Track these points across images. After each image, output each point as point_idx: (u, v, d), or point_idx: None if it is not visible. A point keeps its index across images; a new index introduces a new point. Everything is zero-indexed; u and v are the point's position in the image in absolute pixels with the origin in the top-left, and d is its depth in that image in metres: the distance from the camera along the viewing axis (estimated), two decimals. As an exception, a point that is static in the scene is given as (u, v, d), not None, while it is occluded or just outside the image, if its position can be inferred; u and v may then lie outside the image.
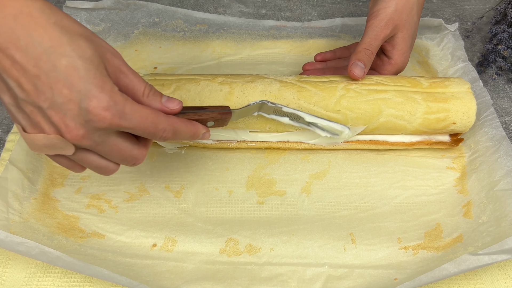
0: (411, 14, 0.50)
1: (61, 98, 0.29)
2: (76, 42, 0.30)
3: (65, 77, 0.29)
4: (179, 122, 0.36)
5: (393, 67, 0.52)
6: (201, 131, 0.38)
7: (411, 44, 0.52)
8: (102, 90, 0.30)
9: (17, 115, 0.32)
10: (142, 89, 0.34)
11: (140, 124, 0.32)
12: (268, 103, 0.45)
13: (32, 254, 0.38)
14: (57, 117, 0.30)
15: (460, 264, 0.39)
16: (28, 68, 0.29)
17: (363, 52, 0.49)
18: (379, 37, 0.49)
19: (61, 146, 0.32)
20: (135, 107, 0.32)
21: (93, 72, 0.30)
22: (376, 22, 0.49)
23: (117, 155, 0.34)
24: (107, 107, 0.30)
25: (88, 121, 0.30)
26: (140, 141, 0.35)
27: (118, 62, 0.32)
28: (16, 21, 0.28)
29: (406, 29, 0.50)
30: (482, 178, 0.49)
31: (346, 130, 0.48)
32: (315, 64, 0.59)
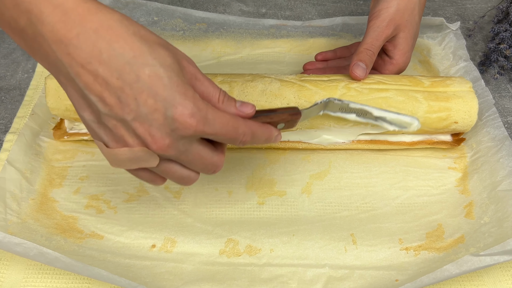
0: (413, 14, 0.50)
1: (146, 108, 0.29)
2: (156, 50, 0.30)
3: (149, 87, 0.29)
4: (256, 126, 0.36)
5: (395, 67, 0.52)
6: (274, 133, 0.38)
7: (413, 44, 0.52)
8: (186, 97, 0.30)
9: (98, 131, 0.32)
10: (217, 95, 0.34)
11: (222, 129, 0.33)
12: (334, 100, 0.44)
13: (30, 255, 0.38)
14: (142, 128, 0.30)
15: (462, 265, 0.39)
16: (111, 81, 0.29)
17: (364, 52, 0.49)
18: (380, 37, 0.50)
19: (146, 158, 0.32)
20: (217, 113, 0.32)
21: (175, 79, 0.30)
22: (378, 23, 0.50)
23: (199, 163, 0.34)
24: (192, 114, 0.30)
25: (174, 130, 0.30)
26: (217, 148, 0.36)
27: (193, 69, 0.33)
28: (97, 35, 0.28)
29: (407, 29, 0.50)
30: (484, 178, 0.49)
31: (415, 122, 0.46)
32: (316, 64, 0.59)
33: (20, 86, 0.59)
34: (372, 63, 0.50)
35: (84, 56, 0.28)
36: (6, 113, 0.56)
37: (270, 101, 0.48)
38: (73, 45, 0.28)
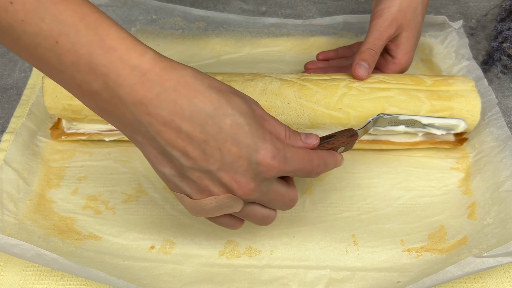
0: (416, 14, 0.50)
1: (231, 157, 0.31)
2: (233, 100, 0.31)
3: (232, 136, 0.31)
4: (325, 154, 0.37)
5: (397, 66, 0.52)
6: (339, 158, 0.40)
7: (415, 43, 0.52)
8: (266, 141, 0.32)
9: (180, 184, 0.33)
10: (283, 132, 0.35)
11: (300, 165, 0.34)
12: (384, 115, 0.46)
13: (27, 257, 0.38)
14: (228, 176, 0.32)
15: (465, 267, 0.39)
16: (195, 135, 0.30)
17: (367, 52, 0.49)
18: (383, 37, 0.50)
19: (230, 204, 0.33)
20: (293, 150, 0.34)
21: (254, 125, 0.31)
22: (380, 22, 0.50)
23: (279, 200, 0.36)
24: (273, 156, 0.32)
25: (258, 173, 0.32)
26: (289, 184, 0.37)
27: (261, 111, 0.34)
28: (177, 93, 0.29)
29: (410, 29, 0.50)
30: (487, 178, 0.49)
31: (462, 123, 0.48)
32: (317, 63, 0.59)
33: (17, 85, 0.59)
34: (375, 62, 0.50)
35: (165, 115, 0.29)
36: (3, 113, 0.55)
37: (270, 101, 0.48)
38: (153, 105, 0.29)
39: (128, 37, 0.30)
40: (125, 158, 0.51)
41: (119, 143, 0.52)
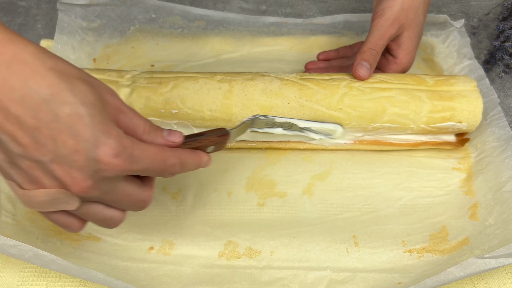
0: (417, 13, 0.50)
1: (66, 149, 0.28)
2: (77, 87, 0.28)
3: (69, 127, 0.28)
4: (184, 154, 0.35)
5: (399, 66, 0.52)
6: (204, 158, 0.37)
7: (417, 43, 0.52)
8: (110, 136, 0.29)
9: (10, 171, 0.30)
10: (142, 127, 0.33)
11: (150, 164, 0.32)
12: (260, 117, 0.45)
13: (25, 257, 0.38)
14: (61, 170, 0.29)
15: (466, 268, 0.39)
16: (25, 120, 0.27)
17: (368, 52, 0.49)
18: (384, 36, 0.50)
19: (64, 200, 0.30)
20: (143, 147, 0.31)
21: (98, 118, 0.28)
22: (382, 21, 0.50)
23: (125, 201, 0.33)
24: (117, 153, 0.29)
25: (98, 171, 0.29)
26: (145, 183, 0.34)
27: (117, 102, 0.31)
28: (9, 70, 0.26)
29: (412, 28, 0.50)
30: (489, 179, 0.49)
31: (339, 128, 0.49)
32: (318, 63, 0.59)
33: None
34: (376, 62, 0.50)
35: None
36: None
37: (270, 100, 0.48)
38: None
39: None
40: (124, 158, 0.51)
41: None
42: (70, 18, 0.60)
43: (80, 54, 0.60)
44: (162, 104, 0.48)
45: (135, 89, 0.49)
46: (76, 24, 0.61)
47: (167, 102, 0.48)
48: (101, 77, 0.50)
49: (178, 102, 0.48)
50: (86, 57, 0.60)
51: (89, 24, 0.62)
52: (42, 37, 0.65)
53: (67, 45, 0.59)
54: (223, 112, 0.48)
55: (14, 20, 0.67)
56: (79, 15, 0.61)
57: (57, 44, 0.58)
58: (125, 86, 0.49)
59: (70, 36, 0.60)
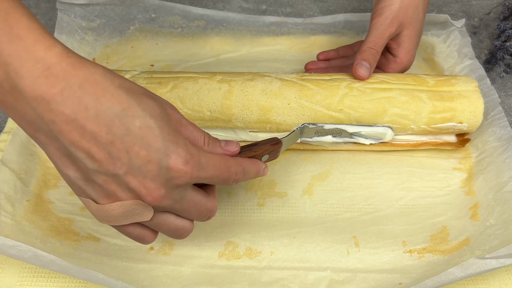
0: (417, 11, 0.50)
1: (139, 160, 0.29)
2: (144, 101, 0.30)
3: (140, 139, 0.29)
4: (246, 162, 0.37)
5: (399, 65, 0.52)
6: (262, 166, 0.40)
7: (417, 41, 0.52)
8: (178, 145, 0.30)
9: (85, 188, 0.31)
10: (202, 139, 0.34)
11: (215, 172, 0.33)
12: (309, 125, 0.46)
13: (24, 258, 0.38)
14: (136, 181, 0.30)
15: (467, 268, 0.39)
16: (100, 135, 0.28)
17: (368, 51, 0.49)
18: (384, 35, 0.50)
19: (139, 211, 0.32)
20: (208, 156, 0.33)
21: (166, 129, 0.30)
22: (381, 20, 0.50)
23: (194, 210, 0.34)
24: (186, 161, 0.31)
25: (169, 179, 0.31)
26: (208, 193, 0.36)
27: (177, 116, 0.33)
28: (82, 90, 0.28)
29: (412, 27, 0.50)
30: (489, 179, 0.49)
31: (389, 131, 0.49)
32: (318, 64, 0.59)
33: (14, 84, 0.59)
34: (376, 62, 0.50)
35: (68, 113, 0.28)
36: (0, 112, 0.55)
37: (270, 101, 0.48)
38: (56, 102, 0.27)
39: (39, 29, 0.28)
40: (123, 158, 0.51)
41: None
42: (70, 17, 0.61)
43: (80, 53, 0.59)
44: None
45: None
46: (76, 23, 0.61)
47: None
48: None
49: (178, 102, 0.48)
50: (86, 56, 0.60)
51: (89, 23, 0.62)
52: (41, 36, 0.65)
53: (66, 45, 0.58)
54: (223, 112, 0.48)
55: (13, 20, 0.67)
56: (79, 15, 0.61)
57: (56, 44, 0.58)
58: None
59: (69, 36, 0.60)
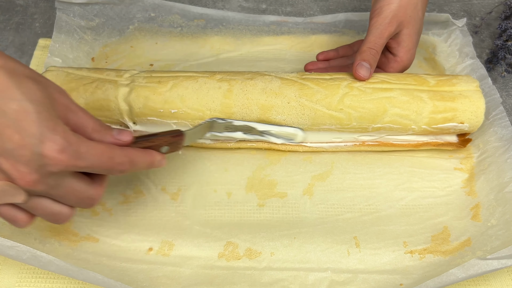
0: (416, 9, 0.50)
1: (12, 144, 0.29)
2: (25, 85, 0.30)
3: (15, 122, 0.29)
4: (134, 152, 0.36)
5: (399, 64, 0.52)
6: (157, 158, 0.39)
7: (417, 40, 0.52)
8: (55, 132, 0.30)
9: None
10: (91, 125, 0.34)
11: (96, 162, 0.33)
12: (218, 120, 0.46)
13: (23, 259, 0.38)
14: (8, 164, 0.30)
15: (468, 269, 0.39)
16: None
17: (368, 51, 0.49)
18: (383, 35, 0.49)
19: (11, 193, 0.31)
20: (90, 145, 0.32)
21: (45, 114, 0.30)
22: (380, 20, 0.49)
23: (72, 197, 0.34)
24: (62, 149, 0.30)
25: (43, 166, 0.30)
26: (95, 180, 0.36)
27: (66, 101, 0.33)
28: None
29: (411, 25, 0.50)
30: (491, 179, 0.49)
31: (299, 132, 0.49)
32: (318, 64, 0.59)
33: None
34: (376, 62, 0.50)
35: None
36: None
37: (270, 100, 0.48)
38: None
39: None
40: (122, 158, 0.51)
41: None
42: (69, 16, 0.60)
43: (79, 53, 0.60)
44: (161, 103, 0.48)
45: (134, 88, 0.49)
46: (75, 23, 0.61)
47: (166, 102, 0.48)
48: (100, 76, 0.50)
49: (178, 101, 0.48)
50: (85, 56, 0.60)
51: (88, 23, 0.62)
52: (40, 36, 0.65)
53: (65, 44, 0.59)
54: (223, 111, 0.48)
55: (12, 19, 0.67)
56: (78, 14, 0.61)
57: (55, 43, 0.58)
58: (124, 86, 0.49)
59: (68, 35, 0.60)
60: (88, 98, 0.48)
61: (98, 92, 0.48)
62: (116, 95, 0.48)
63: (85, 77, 0.50)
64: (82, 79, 0.49)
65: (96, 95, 0.48)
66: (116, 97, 0.48)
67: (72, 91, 0.49)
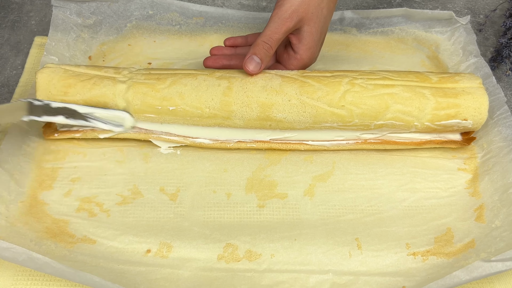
0: (320, 7, 0.49)
1: None
2: None
3: None
4: None
5: (299, 62, 0.52)
6: None
7: (319, 39, 0.52)
8: None
9: None
10: None
11: None
12: (34, 101, 0.44)
13: (19, 260, 0.38)
14: None
15: (472, 271, 0.39)
16: None
17: (261, 45, 0.48)
18: (280, 29, 0.48)
19: None
20: None
21: None
22: (280, 13, 0.48)
23: None
24: None
25: None
26: None
27: None
28: None
29: (313, 23, 0.49)
30: (495, 180, 0.49)
31: (126, 115, 0.47)
32: (223, 49, 0.56)
33: (8, 83, 0.59)
34: (269, 57, 0.49)
35: None
36: (-6, 112, 0.55)
37: (270, 98, 0.48)
38: None
39: None
40: (120, 158, 0.51)
41: (114, 143, 0.52)
42: (65, 14, 0.61)
43: (75, 51, 0.60)
44: (159, 100, 0.48)
45: (132, 85, 0.49)
46: (71, 20, 0.61)
47: (164, 99, 0.48)
48: (98, 73, 0.50)
49: (176, 98, 0.48)
50: (81, 54, 0.60)
51: (84, 20, 0.62)
52: (35, 34, 0.65)
53: (61, 43, 0.59)
54: (222, 109, 0.48)
55: (7, 17, 0.67)
56: (74, 12, 0.61)
57: (51, 41, 0.58)
58: (122, 82, 0.49)
59: (64, 33, 0.60)
60: (85, 94, 0.49)
61: (96, 89, 0.49)
62: (114, 91, 0.49)
63: (83, 73, 0.50)
64: (80, 75, 0.50)
65: (94, 92, 0.49)
66: (114, 94, 0.49)
67: (70, 87, 0.49)
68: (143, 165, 0.51)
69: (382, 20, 0.65)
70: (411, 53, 0.64)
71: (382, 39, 0.65)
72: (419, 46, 0.65)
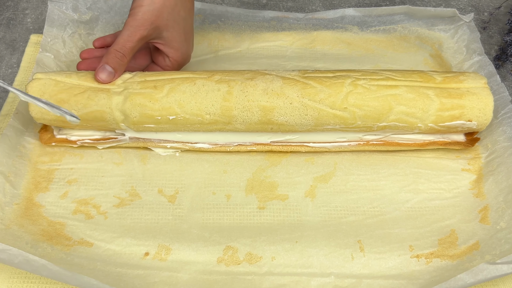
0: (175, 11, 0.50)
1: None
2: None
3: None
4: None
5: (173, 63, 0.54)
6: None
7: (185, 39, 0.53)
8: None
9: None
10: None
11: None
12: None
13: (15, 263, 0.38)
14: None
15: (477, 274, 0.39)
16: None
17: (113, 54, 0.48)
18: (133, 38, 0.49)
19: None
20: None
21: None
22: (132, 21, 0.49)
23: None
24: None
25: None
26: None
27: None
28: None
29: (171, 28, 0.50)
30: (500, 180, 0.49)
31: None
32: (94, 52, 0.55)
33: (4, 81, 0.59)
34: (123, 65, 0.49)
35: None
36: (-12, 112, 0.55)
37: (272, 101, 0.48)
38: None
39: None
40: (117, 160, 0.51)
41: (111, 144, 0.52)
42: (61, 10, 0.60)
43: (71, 48, 0.60)
44: (158, 111, 0.48)
45: (128, 96, 0.48)
46: (67, 16, 0.61)
47: (163, 108, 0.48)
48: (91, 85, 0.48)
49: (175, 107, 0.48)
50: (77, 51, 0.60)
51: (81, 16, 0.62)
52: (31, 32, 0.65)
53: (57, 39, 0.59)
54: (223, 115, 0.48)
55: (3, 14, 0.67)
56: (70, 7, 0.61)
57: (46, 38, 0.58)
58: (117, 94, 0.48)
59: (60, 29, 0.60)
60: (80, 110, 0.47)
61: (91, 104, 0.47)
62: (109, 105, 0.47)
63: (75, 86, 0.48)
64: (72, 88, 0.48)
65: (89, 107, 0.47)
66: (110, 108, 0.47)
67: (63, 103, 0.47)
68: (141, 166, 0.51)
69: (384, 18, 0.65)
70: (414, 51, 0.64)
71: (384, 37, 0.65)
72: (422, 44, 0.65)
